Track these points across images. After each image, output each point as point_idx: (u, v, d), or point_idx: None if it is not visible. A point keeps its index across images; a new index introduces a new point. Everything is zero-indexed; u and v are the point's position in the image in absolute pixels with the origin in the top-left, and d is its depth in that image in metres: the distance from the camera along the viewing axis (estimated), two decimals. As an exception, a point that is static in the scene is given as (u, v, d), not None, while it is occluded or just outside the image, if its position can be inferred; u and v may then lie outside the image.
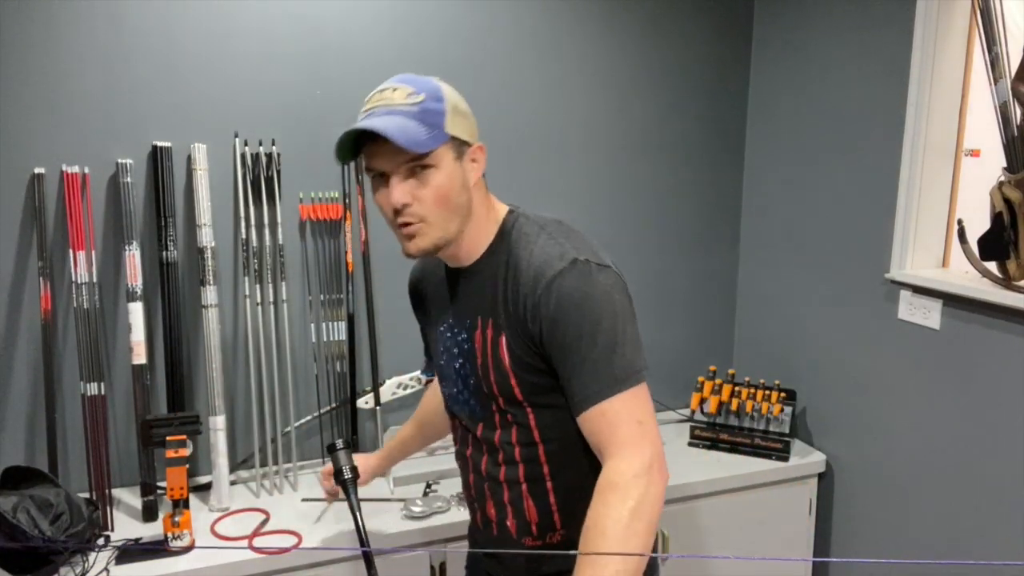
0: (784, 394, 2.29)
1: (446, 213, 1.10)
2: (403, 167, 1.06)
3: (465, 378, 1.22)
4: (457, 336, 1.22)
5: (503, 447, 1.21)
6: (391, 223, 1.11)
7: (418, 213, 1.08)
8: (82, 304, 1.80)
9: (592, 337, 1.07)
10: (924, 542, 1.98)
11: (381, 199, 1.10)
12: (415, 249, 1.11)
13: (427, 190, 1.08)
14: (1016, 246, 1.72)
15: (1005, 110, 1.72)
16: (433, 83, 1.12)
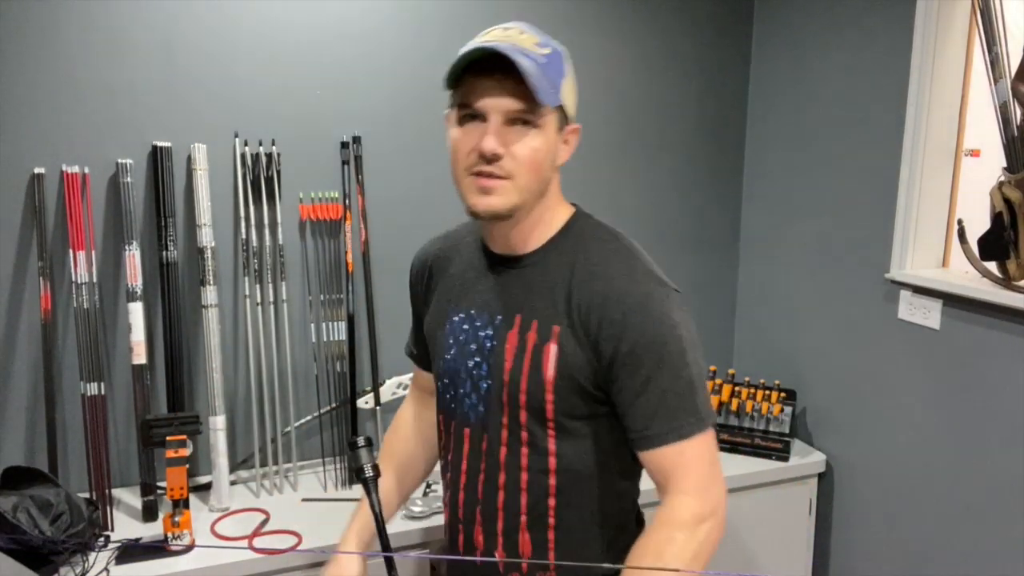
0: (784, 394, 2.29)
1: (533, 181, 0.98)
2: (508, 114, 0.94)
3: (477, 380, 1.08)
4: (478, 331, 1.08)
5: (508, 469, 1.07)
6: (463, 171, 0.98)
7: (507, 168, 0.96)
8: (82, 304, 1.80)
9: (676, 370, 1.00)
10: (924, 542, 1.98)
11: (464, 140, 0.97)
12: (486, 207, 0.98)
13: (523, 148, 0.96)
14: (1016, 246, 1.72)
15: (1005, 110, 1.72)
16: (556, 43, 1.01)
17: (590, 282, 1.02)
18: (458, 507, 1.14)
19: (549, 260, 1.06)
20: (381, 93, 2.07)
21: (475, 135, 0.95)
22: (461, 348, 1.10)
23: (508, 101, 0.94)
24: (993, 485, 1.80)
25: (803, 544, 2.29)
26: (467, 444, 1.12)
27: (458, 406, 1.12)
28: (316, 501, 1.93)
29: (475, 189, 0.97)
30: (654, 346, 1.00)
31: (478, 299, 1.09)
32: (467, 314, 1.10)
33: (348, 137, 2.04)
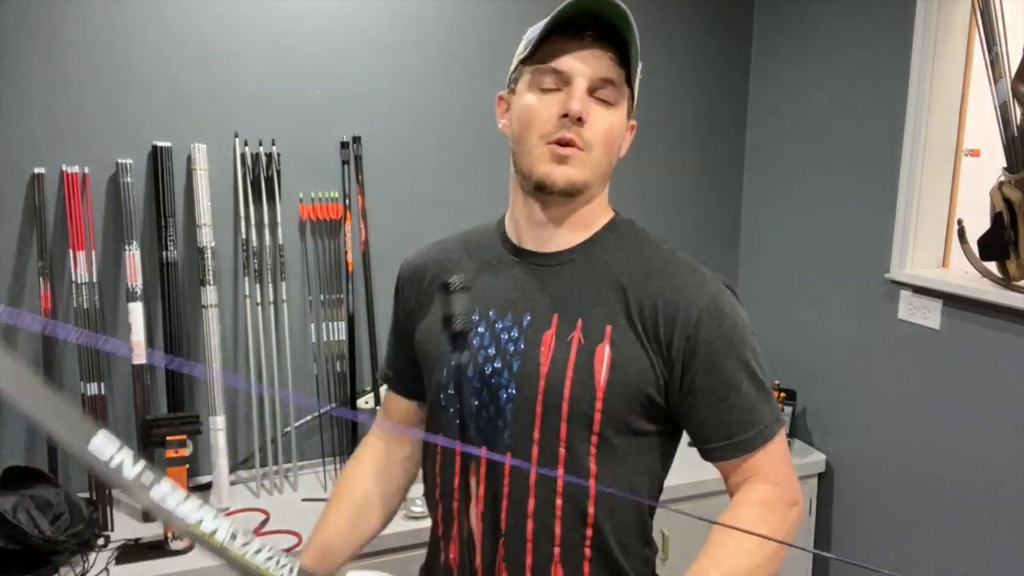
0: (784, 394, 2.29)
1: (604, 159, 0.93)
2: (593, 83, 0.90)
3: (497, 389, 0.96)
4: (499, 333, 0.97)
5: (539, 493, 0.94)
6: (538, 139, 0.91)
7: (586, 138, 0.90)
8: (82, 304, 1.80)
9: (754, 371, 0.96)
10: (924, 542, 1.98)
11: (543, 105, 0.91)
12: (562, 176, 0.91)
13: (603, 122, 0.91)
14: (1016, 246, 1.72)
15: (1005, 110, 1.72)
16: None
17: (652, 281, 0.94)
18: (474, 543, 0.97)
19: (593, 257, 0.98)
20: (381, 93, 2.07)
21: (556, 101, 0.90)
22: (474, 353, 0.97)
23: (599, 65, 0.90)
24: (993, 484, 1.80)
25: (803, 544, 2.28)
26: (484, 465, 0.96)
27: (469, 421, 0.96)
28: (316, 501, 1.94)
29: (550, 157, 0.91)
30: (733, 348, 0.95)
31: (499, 299, 0.98)
32: (483, 316, 0.98)
33: (348, 137, 2.05)
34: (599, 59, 0.90)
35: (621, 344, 0.92)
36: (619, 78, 0.91)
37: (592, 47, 0.89)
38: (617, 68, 0.91)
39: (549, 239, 0.98)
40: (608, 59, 0.90)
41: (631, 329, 0.93)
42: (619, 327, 0.93)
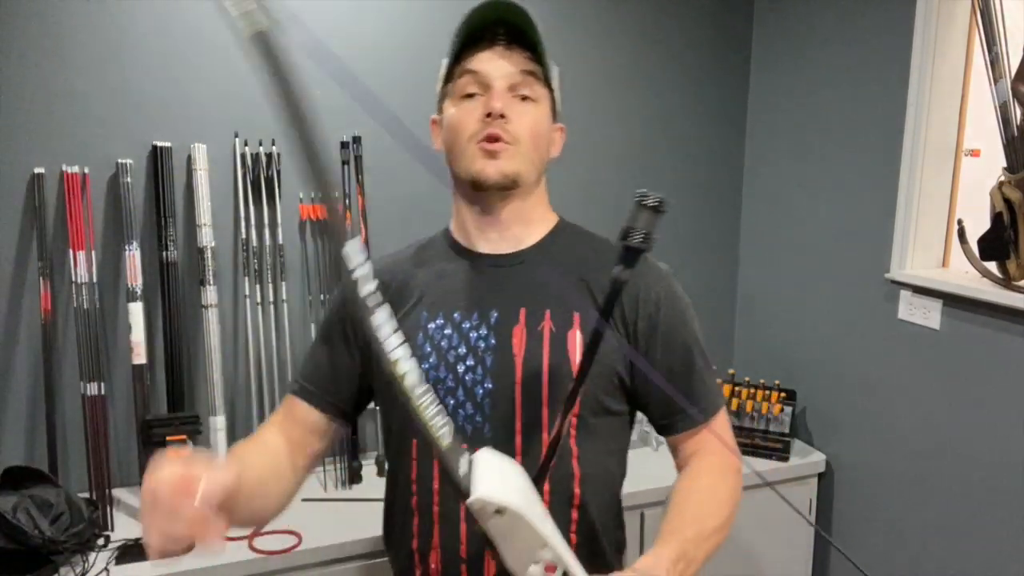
0: (784, 394, 2.29)
1: (533, 152, 0.99)
2: (511, 79, 0.97)
3: (472, 386, 0.98)
4: (467, 332, 0.99)
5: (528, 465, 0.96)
6: (467, 140, 0.97)
7: (512, 132, 0.96)
8: (82, 304, 1.80)
9: (701, 348, 1.05)
10: (924, 541, 1.98)
11: (466, 112, 0.97)
12: (495, 170, 0.96)
13: (526, 117, 0.97)
14: (1016, 246, 1.72)
15: (1005, 110, 1.72)
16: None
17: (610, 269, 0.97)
18: (459, 544, 0.97)
19: (551, 254, 1.04)
20: (381, 93, 2.06)
21: (479, 104, 0.96)
22: (443, 355, 0.99)
23: (514, 62, 0.96)
24: (993, 484, 1.80)
25: (803, 544, 2.29)
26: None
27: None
28: (316, 501, 1.93)
29: (481, 154, 0.96)
30: (687, 327, 1.03)
31: (462, 301, 1.01)
32: (449, 319, 1.00)
33: (348, 137, 2.05)
34: (512, 57, 0.97)
35: (589, 328, 0.96)
36: (537, 71, 0.98)
37: (503, 52, 0.97)
38: (533, 64, 0.98)
39: (501, 240, 1.03)
40: (522, 56, 0.98)
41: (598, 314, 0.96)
42: (586, 314, 0.99)
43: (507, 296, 1.01)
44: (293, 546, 1.72)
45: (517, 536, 0.70)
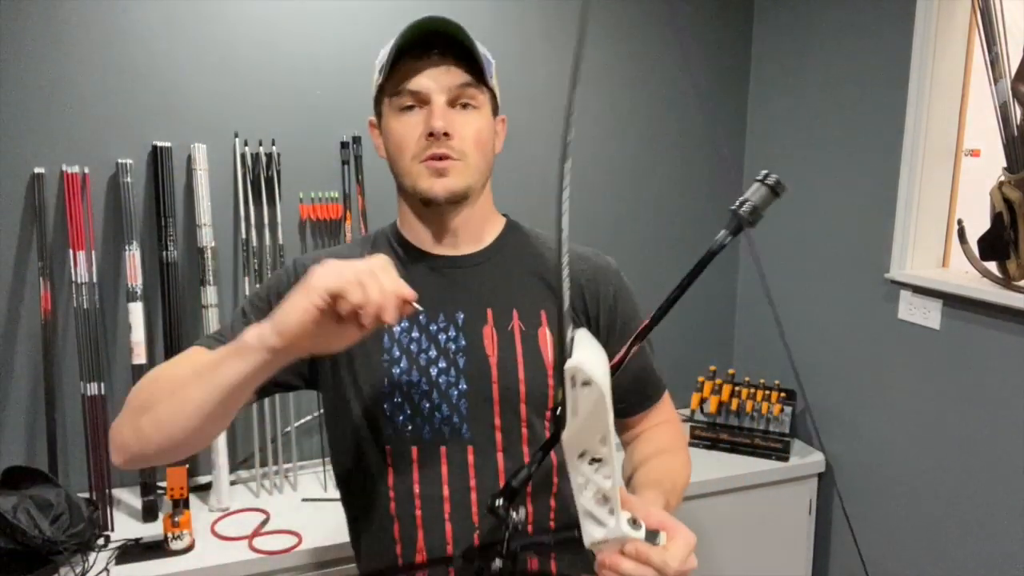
0: (784, 394, 2.29)
1: (481, 161, 0.99)
2: (450, 94, 0.95)
3: (446, 388, 0.98)
4: (436, 335, 1.00)
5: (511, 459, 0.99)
6: (411, 160, 0.96)
7: (457, 148, 0.95)
8: (82, 304, 1.80)
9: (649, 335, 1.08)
10: (924, 541, 1.98)
11: (407, 128, 0.96)
12: (443, 188, 0.96)
13: (469, 128, 0.96)
14: (1016, 246, 1.72)
15: (1005, 110, 1.72)
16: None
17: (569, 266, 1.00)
18: (445, 544, 0.97)
19: (507, 252, 1.06)
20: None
21: (418, 122, 0.95)
22: (414, 358, 0.98)
23: (451, 77, 0.95)
24: (993, 484, 1.80)
25: (803, 544, 2.29)
26: (444, 465, 0.98)
27: (423, 424, 0.98)
28: (316, 501, 1.93)
29: (427, 173, 0.96)
30: (638, 316, 1.08)
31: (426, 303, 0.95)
32: (414, 321, 0.99)
33: (348, 137, 2.05)
34: (449, 71, 0.95)
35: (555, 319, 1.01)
36: (474, 81, 0.97)
37: (440, 62, 0.95)
38: (468, 74, 0.97)
39: (457, 243, 1.03)
40: (457, 69, 0.96)
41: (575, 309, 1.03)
42: (552, 312, 1.02)
43: (471, 297, 1.01)
44: (293, 546, 1.72)
45: (590, 416, 0.72)
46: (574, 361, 0.71)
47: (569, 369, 0.71)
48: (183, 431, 0.84)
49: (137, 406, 0.89)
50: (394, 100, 0.98)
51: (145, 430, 0.87)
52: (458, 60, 0.96)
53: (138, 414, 0.88)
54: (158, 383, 0.90)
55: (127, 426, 0.89)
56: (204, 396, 0.81)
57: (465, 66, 0.97)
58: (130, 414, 0.90)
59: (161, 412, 0.85)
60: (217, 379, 0.80)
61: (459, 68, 0.96)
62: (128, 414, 0.90)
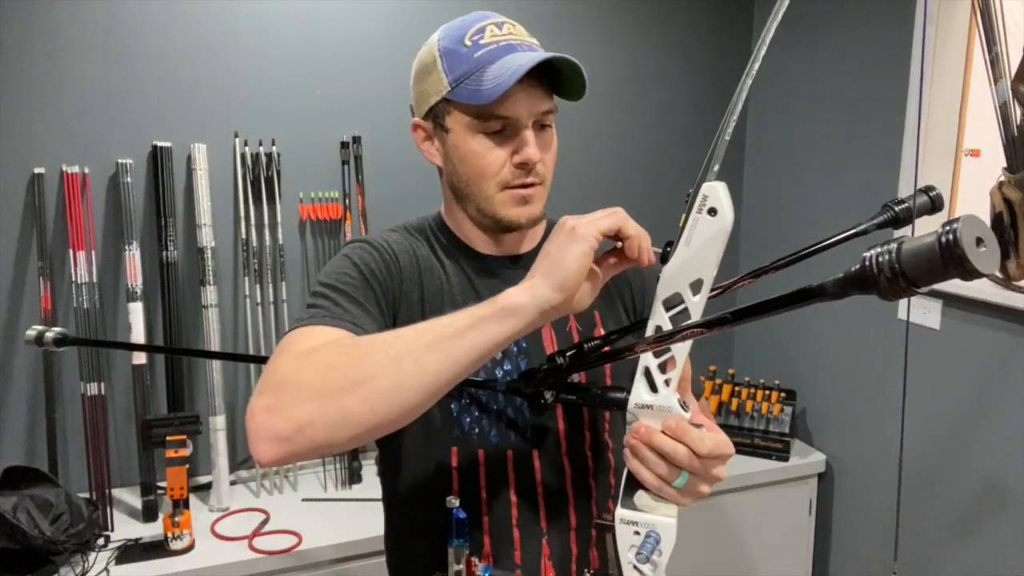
0: (784, 394, 2.29)
1: (550, 180, 0.97)
2: (537, 119, 0.91)
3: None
4: None
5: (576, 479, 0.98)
6: (496, 186, 0.91)
7: (541, 174, 0.93)
8: (82, 304, 1.80)
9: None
10: (924, 542, 1.98)
11: (494, 153, 0.90)
12: (528, 218, 0.93)
13: (549, 151, 0.94)
14: (1016, 246, 1.72)
15: (1005, 110, 1.72)
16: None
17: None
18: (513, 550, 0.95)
19: None
20: (381, 93, 2.07)
21: (506, 147, 0.90)
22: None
23: (540, 104, 0.90)
24: (993, 484, 1.80)
25: (803, 544, 2.29)
26: (511, 469, 0.95)
27: (490, 428, 0.95)
28: (316, 501, 1.93)
29: (512, 202, 0.92)
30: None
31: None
32: None
33: (348, 137, 2.04)
34: (539, 97, 0.90)
35: (610, 323, 1.00)
36: (554, 105, 0.93)
37: (532, 90, 0.89)
38: (550, 99, 0.92)
39: (514, 247, 1.01)
40: (544, 94, 0.91)
41: (610, 307, 1.01)
42: (602, 310, 1.01)
43: None
44: (293, 546, 1.72)
45: (701, 249, 0.71)
46: (713, 184, 0.69)
47: (706, 188, 0.69)
48: (406, 406, 0.72)
49: (331, 381, 0.72)
50: (479, 121, 0.90)
51: (352, 409, 0.70)
52: (545, 82, 0.91)
53: (336, 391, 0.71)
54: (356, 353, 0.74)
55: (311, 408, 0.71)
56: (447, 364, 0.71)
57: (549, 88, 0.91)
58: (315, 392, 0.72)
59: (381, 385, 0.70)
60: (467, 345, 0.71)
61: (545, 92, 0.91)
62: (312, 392, 0.72)
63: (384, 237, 1.00)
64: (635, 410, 0.77)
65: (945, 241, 0.52)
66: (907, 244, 0.56)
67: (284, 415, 0.71)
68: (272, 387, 0.73)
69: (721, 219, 0.69)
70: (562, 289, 0.72)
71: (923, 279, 0.55)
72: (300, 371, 0.74)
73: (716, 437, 0.76)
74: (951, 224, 0.53)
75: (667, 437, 0.75)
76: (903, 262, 0.55)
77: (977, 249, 0.52)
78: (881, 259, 0.58)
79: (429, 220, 1.06)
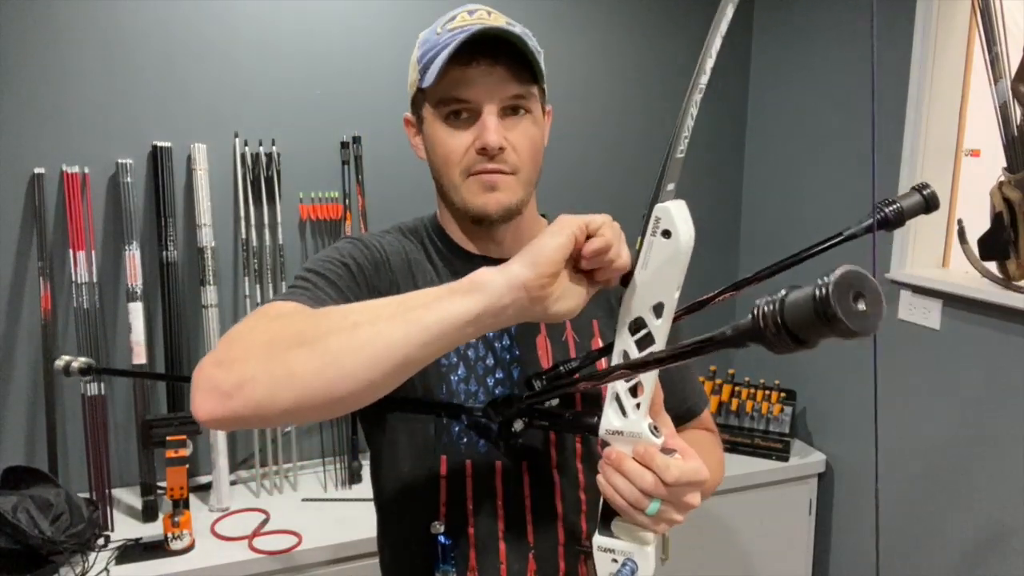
0: (784, 394, 2.29)
1: (534, 172, 0.91)
2: (502, 104, 0.86)
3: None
4: (492, 343, 0.94)
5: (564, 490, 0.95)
6: (460, 173, 0.89)
7: (511, 162, 0.88)
8: (82, 304, 1.80)
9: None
10: (924, 541, 1.98)
11: (456, 140, 0.87)
12: (497, 205, 0.88)
13: (523, 138, 0.88)
14: (1016, 246, 1.72)
15: (1005, 110, 1.72)
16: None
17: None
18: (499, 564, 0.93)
19: None
20: (381, 93, 2.07)
21: (468, 132, 0.87)
22: (472, 367, 0.92)
23: (504, 88, 0.85)
24: (993, 484, 1.80)
25: (803, 544, 2.29)
26: (499, 481, 0.93)
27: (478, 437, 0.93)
28: (316, 501, 1.93)
29: (479, 188, 0.88)
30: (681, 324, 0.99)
31: None
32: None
33: (348, 137, 2.05)
34: (501, 81, 0.85)
35: (608, 334, 0.95)
36: (525, 89, 0.88)
37: (491, 69, 0.85)
38: (519, 82, 0.87)
39: (503, 249, 0.96)
40: (509, 76, 0.86)
41: (610, 317, 0.97)
42: (602, 320, 0.97)
43: None
44: (293, 546, 1.72)
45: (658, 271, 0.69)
46: (665, 204, 0.67)
47: (657, 209, 0.67)
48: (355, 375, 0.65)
49: (282, 338, 0.67)
50: (440, 108, 0.88)
51: (297, 367, 0.65)
52: (509, 64, 0.86)
53: (285, 347, 0.66)
54: (314, 317, 0.71)
55: (256, 364, 0.66)
56: (407, 335, 0.65)
57: (517, 69, 0.87)
58: (264, 348, 0.67)
59: (332, 345, 0.65)
60: (431, 317, 0.65)
61: (510, 74, 0.86)
62: (261, 348, 0.67)
63: (377, 238, 0.98)
64: (606, 436, 0.75)
65: (818, 296, 0.48)
66: (792, 295, 0.50)
67: (228, 368, 0.67)
68: (225, 341, 0.70)
69: (675, 241, 0.67)
70: (533, 265, 0.67)
71: (810, 335, 0.49)
72: (255, 329, 0.71)
73: (685, 464, 0.74)
74: (826, 276, 0.49)
75: (636, 463, 0.73)
76: (786, 315, 0.49)
77: (854, 306, 0.48)
78: (766, 310, 0.51)
79: (424, 221, 1.05)
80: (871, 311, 0.48)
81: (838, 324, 0.46)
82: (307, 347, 0.65)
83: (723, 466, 1.08)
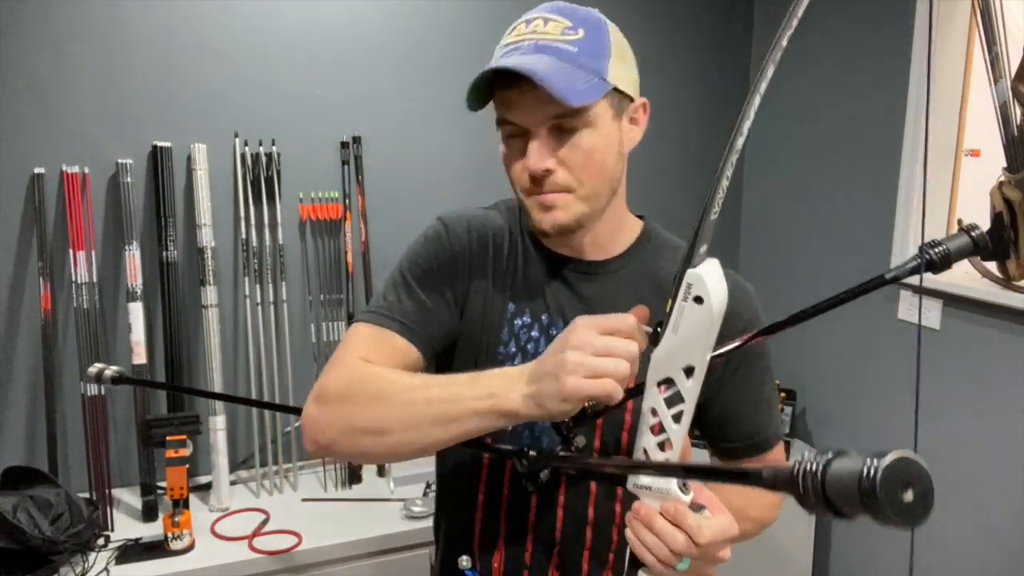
0: (784, 394, 2.29)
1: (599, 184, 0.89)
2: (548, 123, 0.84)
3: None
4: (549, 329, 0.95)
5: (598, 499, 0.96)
6: (521, 192, 0.89)
7: (562, 182, 0.86)
8: (82, 304, 1.80)
9: (771, 375, 1.01)
10: (924, 542, 1.98)
11: (513, 162, 0.88)
12: (552, 224, 0.88)
13: (576, 153, 0.85)
14: (1016, 246, 1.72)
15: (1005, 110, 1.72)
16: (595, 15, 0.89)
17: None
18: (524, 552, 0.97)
19: (633, 267, 0.98)
20: (381, 93, 2.07)
21: (522, 151, 0.87)
22: (529, 357, 0.92)
23: (544, 110, 0.83)
24: (993, 484, 1.80)
25: (803, 544, 2.29)
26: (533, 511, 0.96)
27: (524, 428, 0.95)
28: (316, 501, 1.93)
29: (536, 207, 0.88)
30: (765, 357, 1.00)
31: (551, 303, 0.95)
32: (536, 319, 0.95)
33: (348, 137, 2.05)
34: (544, 102, 0.81)
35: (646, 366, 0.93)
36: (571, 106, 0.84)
37: (533, 92, 0.81)
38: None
39: (583, 250, 0.96)
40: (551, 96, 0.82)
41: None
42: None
43: (589, 308, 0.94)
44: (293, 546, 1.72)
45: (688, 336, 0.69)
46: (697, 270, 0.66)
47: (689, 275, 0.67)
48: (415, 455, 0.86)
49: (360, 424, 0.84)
50: (500, 127, 0.89)
51: (369, 448, 0.86)
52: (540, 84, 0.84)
53: (362, 433, 0.84)
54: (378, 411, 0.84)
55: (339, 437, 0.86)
56: (445, 438, 0.81)
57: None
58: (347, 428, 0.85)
59: (393, 442, 0.83)
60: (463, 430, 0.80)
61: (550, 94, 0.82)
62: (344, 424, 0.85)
63: (468, 220, 0.99)
64: (634, 490, 0.75)
65: (864, 479, 0.44)
66: (837, 465, 0.46)
67: (321, 431, 0.86)
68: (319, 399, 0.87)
69: (707, 308, 0.67)
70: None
71: (849, 513, 0.46)
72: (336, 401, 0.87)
73: (716, 523, 0.73)
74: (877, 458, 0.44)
75: (666, 522, 0.72)
76: (828, 487, 0.46)
77: (900, 496, 0.44)
78: (808, 470, 0.48)
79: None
80: (919, 503, 0.45)
81: (881, 515, 0.44)
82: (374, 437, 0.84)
83: (777, 506, 1.00)
